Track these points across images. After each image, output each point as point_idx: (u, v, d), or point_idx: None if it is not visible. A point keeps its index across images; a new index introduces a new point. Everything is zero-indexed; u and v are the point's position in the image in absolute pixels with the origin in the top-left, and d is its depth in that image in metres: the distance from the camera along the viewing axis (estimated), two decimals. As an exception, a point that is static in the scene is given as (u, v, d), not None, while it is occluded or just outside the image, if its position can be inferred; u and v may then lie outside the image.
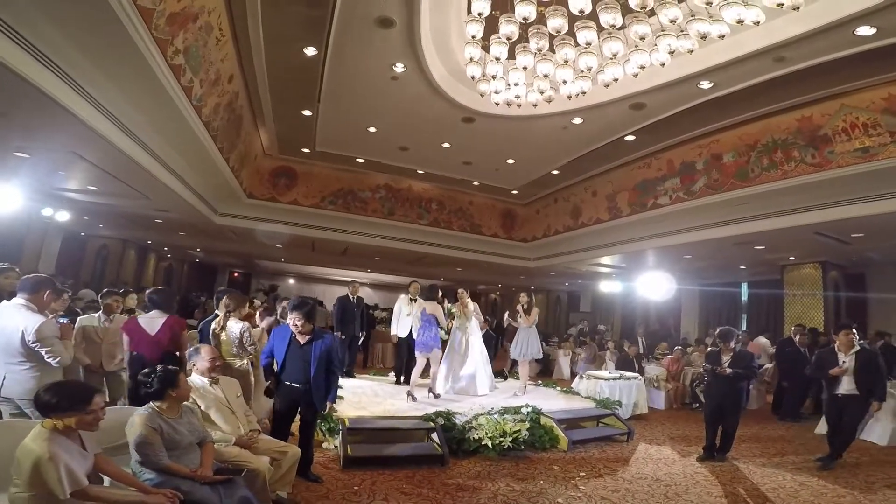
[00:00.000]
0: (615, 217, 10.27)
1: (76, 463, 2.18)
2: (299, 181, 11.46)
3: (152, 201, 8.93)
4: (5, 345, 3.10)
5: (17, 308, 3.17)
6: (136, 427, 2.55)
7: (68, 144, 5.88)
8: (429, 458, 4.56)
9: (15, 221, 8.92)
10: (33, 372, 3.12)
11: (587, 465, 4.80)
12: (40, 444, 2.12)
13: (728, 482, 4.49)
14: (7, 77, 3.92)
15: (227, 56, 6.08)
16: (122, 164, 6.51)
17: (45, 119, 4.94)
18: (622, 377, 7.27)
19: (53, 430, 2.18)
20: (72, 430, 2.26)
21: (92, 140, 5.55)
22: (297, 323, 3.66)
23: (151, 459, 2.52)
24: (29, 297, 3.22)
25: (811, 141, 6.46)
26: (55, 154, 6.30)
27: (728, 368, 5.06)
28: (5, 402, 3.14)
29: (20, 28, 3.73)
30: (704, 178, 8.09)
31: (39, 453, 2.08)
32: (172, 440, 2.61)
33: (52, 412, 2.22)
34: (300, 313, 3.67)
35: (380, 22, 5.38)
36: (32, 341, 3.07)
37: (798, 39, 4.82)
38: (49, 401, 2.23)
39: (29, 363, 3.12)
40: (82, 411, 2.26)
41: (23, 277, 3.43)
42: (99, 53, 4.45)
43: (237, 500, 2.56)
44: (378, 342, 11.59)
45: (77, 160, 6.53)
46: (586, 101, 6.62)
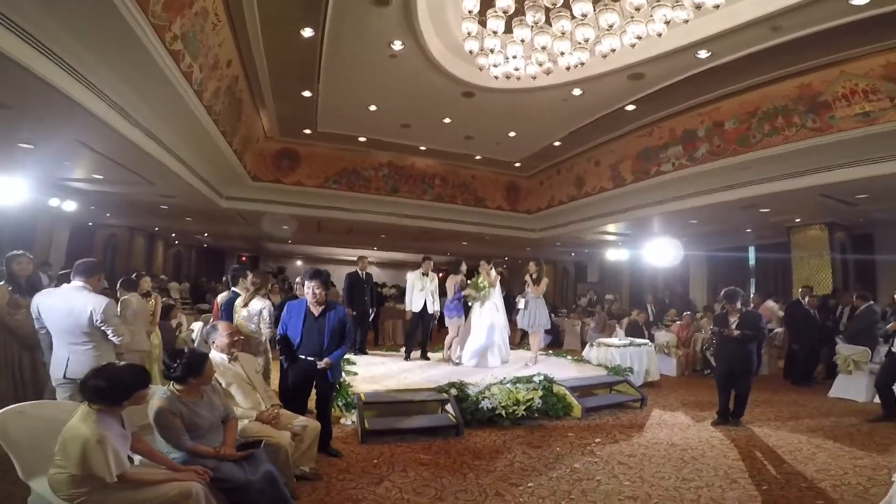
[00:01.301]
0: (619, 185, 10.29)
1: (120, 445, 2.22)
2: (302, 162, 11.48)
3: (158, 187, 9.00)
4: (72, 325, 3.25)
5: (79, 290, 3.32)
6: (156, 411, 2.57)
7: (72, 134, 5.90)
8: (444, 428, 4.66)
9: (24, 212, 9.02)
10: (94, 351, 3.29)
11: (602, 431, 4.84)
12: (90, 425, 2.13)
13: (744, 446, 4.50)
14: (10, 69, 3.95)
15: (224, 40, 6.06)
16: (126, 151, 6.55)
17: (49, 110, 4.97)
18: (632, 344, 7.26)
19: (100, 411, 2.20)
20: (117, 411, 2.30)
21: (96, 128, 5.58)
22: (315, 291, 3.67)
23: (173, 442, 2.58)
24: (86, 280, 3.38)
25: (811, 107, 6.46)
26: (60, 144, 6.34)
27: (736, 330, 5.02)
28: (69, 383, 3.23)
29: (21, 21, 3.76)
30: (707, 144, 8.08)
31: (88, 435, 2.09)
32: (193, 423, 2.64)
33: (116, 399, 2.24)
34: (319, 281, 3.69)
35: (376, 0, 5.35)
36: (101, 321, 3.25)
37: (793, 8, 4.80)
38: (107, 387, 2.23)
39: (91, 343, 3.29)
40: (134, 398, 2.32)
41: (77, 262, 3.55)
42: (99, 42, 4.47)
43: (262, 475, 2.62)
44: (388, 319, 11.79)
45: (82, 149, 6.57)
46: (585, 73, 6.61)
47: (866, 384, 6.34)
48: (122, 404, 2.30)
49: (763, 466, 4.03)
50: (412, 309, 7.30)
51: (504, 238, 14.36)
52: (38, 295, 3.43)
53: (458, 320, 6.90)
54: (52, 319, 3.30)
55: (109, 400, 2.25)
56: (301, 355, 3.73)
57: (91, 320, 3.24)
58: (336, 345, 3.73)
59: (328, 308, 3.75)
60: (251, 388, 3.48)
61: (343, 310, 3.87)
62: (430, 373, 6.23)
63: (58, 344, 3.31)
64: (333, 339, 3.71)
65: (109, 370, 2.39)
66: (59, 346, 3.29)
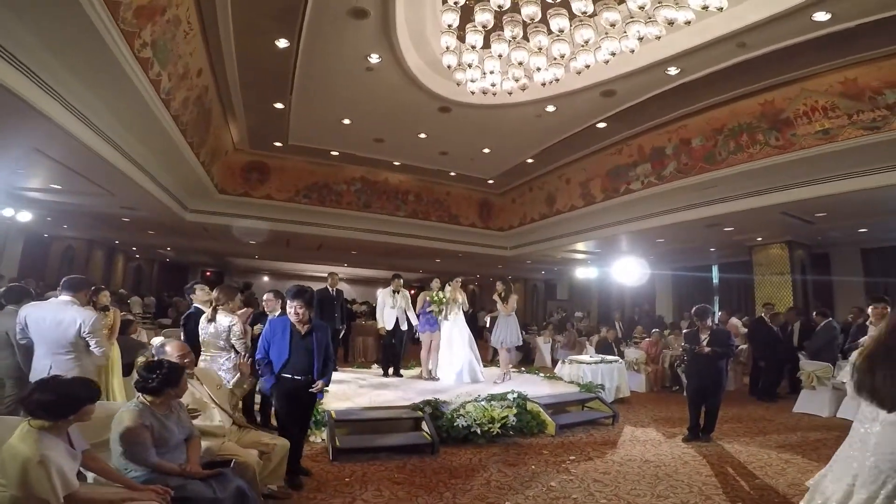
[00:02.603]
0: (589, 203, 10.47)
1: (66, 464, 2.06)
2: (272, 175, 11.27)
3: (118, 198, 8.67)
4: (59, 336, 3.46)
5: (67, 304, 3.55)
6: (125, 423, 2.43)
7: (29, 141, 5.65)
8: (419, 447, 4.57)
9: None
10: (76, 361, 3.50)
11: (576, 448, 4.83)
12: (30, 444, 1.98)
13: (716, 462, 4.53)
14: None
15: (195, 49, 5.93)
16: (86, 160, 6.29)
17: (5, 116, 4.74)
18: (603, 361, 7.33)
19: (42, 429, 2.05)
20: (62, 428, 2.14)
21: (56, 136, 5.35)
22: (298, 311, 3.51)
23: (140, 457, 2.43)
24: (73, 294, 3.60)
25: (774, 124, 6.68)
26: (15, 151, 6.05)
27: (707, 347, 5.06)
28: None
29: None
30: (674, 162, 8.30)
31: (29, 455, 1.95)
32: (162, 437, 2.53)
33: (59, 413, 2.09)
34: (301, 301, 3.51)
35: (354, 13, 5.32)
36: (87, 332, 3.50)
37: (759, 25, 4.99)
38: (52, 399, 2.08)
39: (74, 353, 3.50)
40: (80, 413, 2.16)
41: (64, 279, 3.75)
42: (63, 47, 4.32)
43: (231, 492, 2.51)
44: (358, 336, 11.54)
45: (39, 157, 6.29)
46: (559, 89, 6.71)
47: (829, 399, 6.52)
48: (67, 419, 2.13)
49: (736, 482, 4.05)
50: (385, 326, 7.24)
51: (477, 255, 14.40)
52: (27, 307, 3.60)
53: (429, 335, 6.95)
54: (39, 330, 3.47)
55: (55, 414, 2.09)
56: (287, 374, 3.53)
57: (79, 332, 3.48)
58: (324, 364, 3.60)
59: (315, 328, 3.61)
60: (213, 406, 3.30)
61: (327, 327, 3.75)
62: (404, 390, 6.15)
63: (41, 353, 3.48)
64: (321, 356, 3.58)
65: (57, 382, 2.21)
66: (43, 356, 3.46)
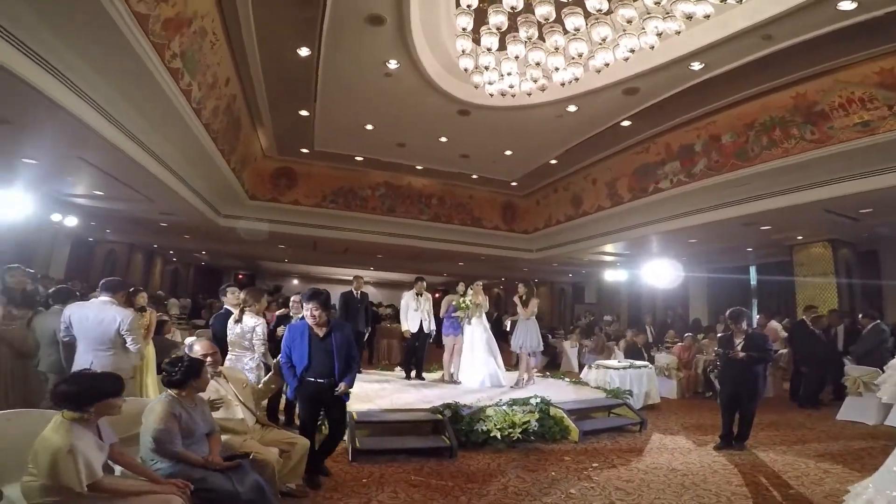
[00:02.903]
0: (616, 204, 10.23)
1: (93, 455, 2.17)
2: (300, 181, 11.56)
3: (156, 204, 9.06)
4: (100, 334, 3.75)
5: (108, 304, 3.86)
6: (157, 413, 2.58)
7: (73, 150, 5.96)
8: (437, 450, 4.55)
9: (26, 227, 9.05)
10: (115, 357, 3.77)
11: (600, 455, 4.70)
12: (62, 435, 2.10)
13: (748, 471, 4.34)
14: (13, 84, 3.99)
15: (222, 59, 6.15)
16: (125, 167, 6.60)
17: (51, 125, 5.00)
18: (632, 366, 7.15)
19: (73, 420, 2.16)
20: (91, 421, 2.24)
21: (96, 144, 5.61)
22: (314, 314, 3.50)
23: (167, 446, 2.55)
24: (112, 295, 3.91)
25: (809, 118, 6.38)
26: (62, 160, 6.40)
27: (741, 352, 4.87)
28: None
29: (24, 37, 3.80)
30: (704, 159, 8.03)
31: (59, 445, 2.06)
32: (188, 428, 2.66)
33: (80, 403, 2.20)
34: (317, 303, 3.50)
35: (370, 19, 5.41)
36: (125, 330, 3.78)
37: (782, 17, 4.80)
38: (80, 391, 2.20)
39: (113, 349, 3.78)
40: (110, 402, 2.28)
41: (103, 280, 4.06)
42: (100, 59, 4.52)
43: (249, 485, 2.60)
44: (383, 338, 11.67)
45: (83, 165, 6.63)
46: (580, 88, 6.64)
47: (876, 406, 6.12)
48: (90, 410, 2.23)
49: (768, 492, 3.88)
50: (409, 329, 7.29)
51: (501, 258, 14.32)
52: (71, 306, 3.90)
53: (452, 339, 6.98)
54: (82, 328, 3.76)
55: (77, 404, 2.20)
56: (309, 378, 3.54)
57: (118, 330, 3.76)
58: (346, 365, 3.58)
59: (333, 328, 3.59)
60: (238, 404, 3.40)
61: (348, 328, 3.71)
62: (425, 392, 6.16)
63: (83, 349, 3.75)
64: (342, 358, 3.55)
65: (83, 375, 2.38)
66: (85, 352, 3.73)
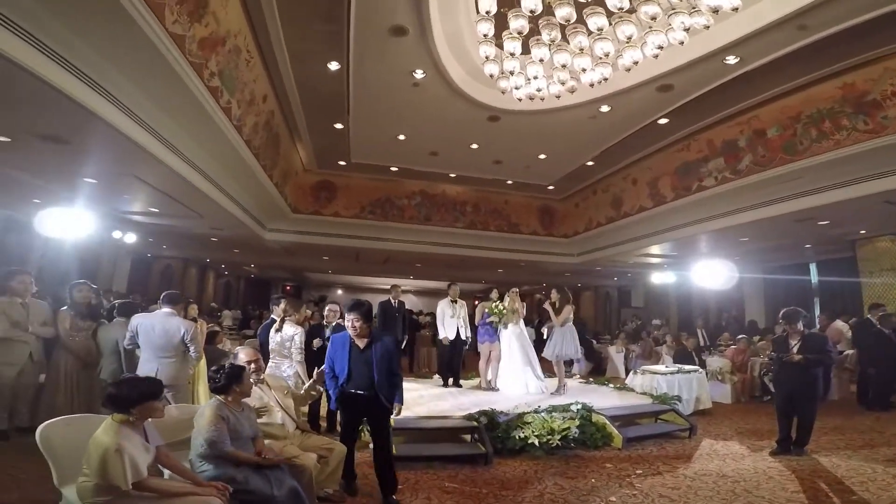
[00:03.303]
0: (659, 204, 9.91)
1: (139, 455, 2.33)
2: (339, 193, 11.89)
3: (206, 220, 9.52)
4: (166, 343, 4.09)
5: (171, 315, 4.22)
6: (207, 416, 2.76)
7: (129, 169, 6.28)
8: (472, 457, 4.54)
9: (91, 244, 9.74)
10: (178, 363, 4.16)
11: (644, 462, 4.57)
12: (110, 435, 2.27)
13: (807, 476, 4.14)
14: (72, 108, 4.23)
15: (258, 76, 6.43)
16: (176, 184, 6.93)
17: (106, 145, 5.24)
18: (680, 371, 6.96)
19: (121, 423, 2.35)
20: (138, 423, 2.43)
21: (148, 162, 5.87)
22: (354, 325, 3.44)
23: (219, 446, 2.70)
24: (173, 307, 4.28)
25: (859, 108, 6.04)
26: (118, 178, 6.76)
27: (797, 355, 4.64)
28: None
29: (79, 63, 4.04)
30: (750, 155, 7.68)
31: (108, 444, 2.23)
32: (235, 430, 2.82)
33: (123, 405, 2.38)
34: (357, 314, 3.44)
35: (394, 31, 5.53)
36: (189, 339, 4.14)
37: (815, 6, 4.59)
38: (125, 394, 2.39)
39: (175, 357, 4.13)
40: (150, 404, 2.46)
41: (164, 293, 4.43)
42: (147, 80, 4.73)
43: (286, 490, 2.71)
44: (423, 346, 11.75)
45: (138, 183, 7.00)
46: (611, 88, 6.51)
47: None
48: (132, 412, 2.40)
49: (827, 498, 3.67)
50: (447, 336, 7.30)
51: (540, 264, 14.11)
52: (137, 317, 4.26)
53: (488, 345, 6.95)
54: (148, 338, 4.09)
55: (120, 406, 2.39)
56: (350, 389, 3.48)
57: (182, 339, 4.12)
58: (386, 379, 3.47)
59: (374, 339, 3.51)
60: (279, 410, 3.55)
61: (390, 340, 3.62)
62: (461, 400, 6.16)
63: (148, 357, 4.09)
64: (382, 370, 3.44)
65: (127, 380, 2.59)
66: (150, 360, 4.06)
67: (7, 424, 4.47)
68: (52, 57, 3.71)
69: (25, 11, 3.34)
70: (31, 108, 4.23)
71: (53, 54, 3.72)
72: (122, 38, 3.91)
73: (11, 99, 3.97)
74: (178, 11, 4.11)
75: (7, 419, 4.49)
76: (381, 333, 3.64)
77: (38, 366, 4.86)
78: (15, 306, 4.63)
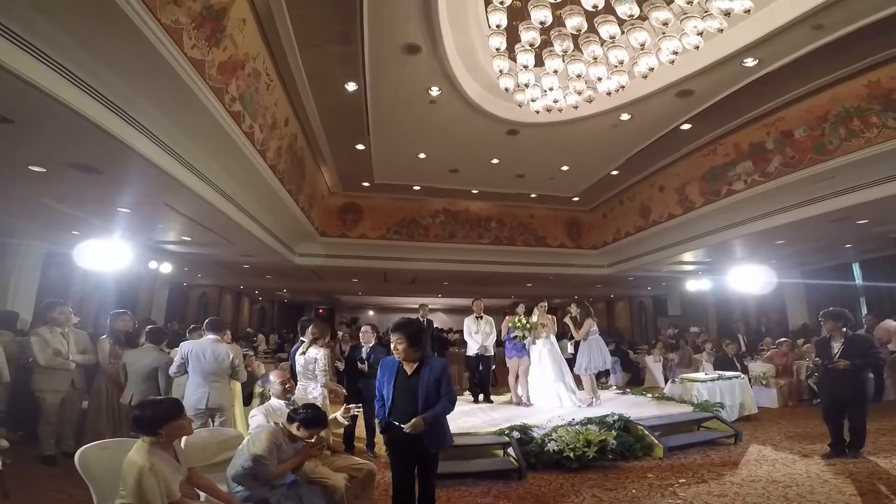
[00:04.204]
0: (688, 210, 9.70)
1: (171, 475, 2.43)
2: (364, 215, 12.04)
3: (238, 247, 9.74)
4: (216, 368, 4.33)
5: (217, 342, 4.47)
6: (262, 441, 2.83)
7: (161, 198, 6.38)
8: (505, 472, 4.51)
9: (129, 274, 10.14)
10: (226, 387, 4.42)
11: (688, 471, 4.45)
12: (142, 455, 2.37)
13: (864, 479, 3.96)
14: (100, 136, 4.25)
15: (279, 100, 6.56)
16: (206, 211, 7.04)
17: (137, 174, 5.30)
18: (721, 377, 6.82)
19: (151, 444, 2.45)
20: (167, 444, 2.52)
21: (177, 190, 5.92)
22: (397, 347, 3.06)
23: (264, 469, 2.77)
24: (217, 333, 4.52)
25: (888, 104, 5.87)
26: (151, 207, 6.90)
27: (842, 361, 4.49)
28: (202, 413, 4.20)
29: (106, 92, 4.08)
30: (779, 157, 7.47)
31: (142, 464, 2.32)
32: (280, 459, 2.91)
33: (150, 427, 2.47)
34: (401, 335, 3.05)
35: (407, 49, 5.62)
36: (236, 364, 4.43)
37: (829, 5, 4.50)
38: (149, 416, 2.49)
39: (223, 380, 4.38)
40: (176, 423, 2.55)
41: (208, 321, 4.70)
42: (169, 107, 4.76)
43: None
44: (454, 364, 11.67)
45: (170, 212, 7.15)
46: (629, 96, 6.49)
47: None
48: (157, 432, 2.48)
49: (888, 500, 3.51)
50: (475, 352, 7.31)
51: (570, 277, 13.91)
52: (185, 344, 4.48)
53: (516, 361, 6.89)
54: (199, 363, 4.30)
55: (146, 428, 2.47)
56: (394, 421, 3.04)
57: (231, 364, 4.40)
58: (435, 408, 3.02)
59: (423, 365, 3.10)
60: None
61: (443, 364, 3.17)
62: (492, 415, 6.13)
63: (199, 382, 4.28)
64: (429, 401, 3.00)
65: (149, 402, 2.67)
66: (201, 384, 4.27)
67: (54, 450, 4.67)
68: (80, 86, 3.78)
69: (52, 41, 3.40)
70: (61, 138, 4.29)
71: (83, 84, 3.79)
72: (144, 66, 4.01)
73: (44, 129, 4.08)
74: (196, 36, 4.21)
75: (54, 444, 4.70)
76: (432, 358, 3.19)
77: (80, 393, 5.13)
78: (56, 336, 4.89)
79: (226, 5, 4.49)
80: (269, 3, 5.05)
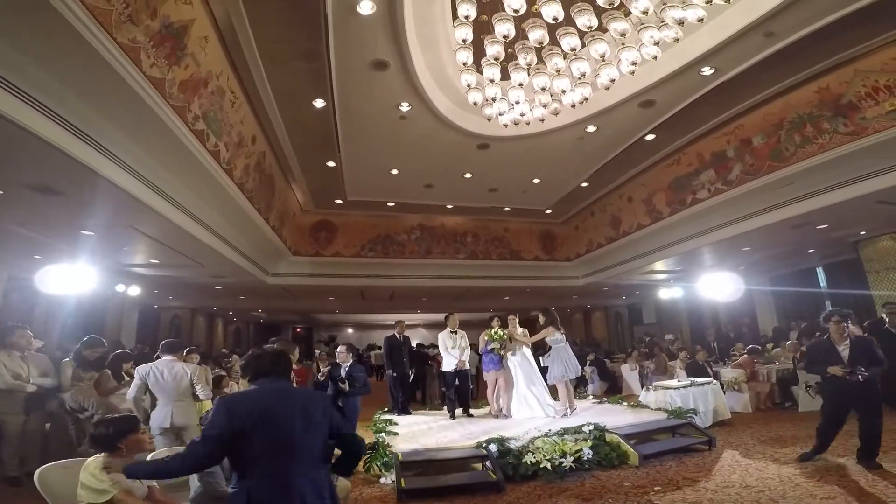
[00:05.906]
0: (656, 220, 9.96)
1: (132, 484, 2.45)
2: (338, 233, 11.94)
3: (207, 268, 9.52)
4: (175, 387, 4.33)
5: (173, 362, 4.44)
6: None
7: (125, 219, 6.19)
8: (483, 485, 4.46)
9: (95, 298, 9.74)
10: (188, 405, 4.39)
11: (663, 478, 4.46)
12: (98, 460, 2.45)
13: (837, 481, 4.01)
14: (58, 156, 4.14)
15: (245, 118, 6.49)
16: (173, 233, 6.88)
17: (98, 195, 5.15)
18: (693, 384, 6.88)
19: (112, 457, 2.48)
20: (128, 458, 2.53)
21: (142, 212, 5.79)
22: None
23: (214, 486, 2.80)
24: (173, 354, 4.50)
25: (838, 110, 6.16)
26: (116, 230, 6.71)
27: (860, 370, 4.18)
28: (167, 431, 4.18)
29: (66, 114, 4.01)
30: (739, 164, 7.75)
31: (96, 465, 2.41)
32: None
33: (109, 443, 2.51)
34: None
35: (375, 65, 5.65)
36: (195, 382, 4.40)
37: (779, 11, 4.70)
38: (105, 433, 2.53)
39: (186, 399, 4.38)
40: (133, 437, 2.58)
41: (163, 342, 4.63)
42: (131, 127, 4.68)
43: None
44: (434, 379, 11.55)
45: (136, 234, 6.97)
46: (594, 108, 6.65)
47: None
48: (119, 447, 2.53)
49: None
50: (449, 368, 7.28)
51: (546, 289, 14.05)
52: (142, 367, 4.42)
53: (493, 374, 6.90)
54: (159, 384, 4.31)
55: (105, 445, 2.52)
56: None
57: (190, 381, 4.38)
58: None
59: None
60: None
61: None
62: (471, 429, 6.11)
63: (163, 402, 4.28)
64: None
65: (105, 420, 2.71)
66: (165, 404, 4.27)
67: (18, 471, 4.69)
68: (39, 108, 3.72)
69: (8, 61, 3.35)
70: (17, 158, 4.17)
71: (41, 106, 3.73)
72: (103, 86, 3.95)
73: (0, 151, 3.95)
74: (155, 55, 4.16)
75: (17, 465, 4.72)
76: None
77: (43, 415, 5.14)
78: (15, 359, 4.93)
79: (186, 24, 4.46)
80: (231, 21, 5.03)
